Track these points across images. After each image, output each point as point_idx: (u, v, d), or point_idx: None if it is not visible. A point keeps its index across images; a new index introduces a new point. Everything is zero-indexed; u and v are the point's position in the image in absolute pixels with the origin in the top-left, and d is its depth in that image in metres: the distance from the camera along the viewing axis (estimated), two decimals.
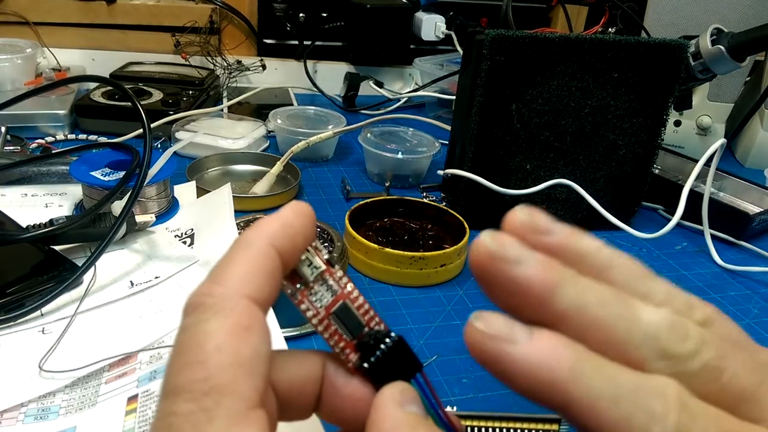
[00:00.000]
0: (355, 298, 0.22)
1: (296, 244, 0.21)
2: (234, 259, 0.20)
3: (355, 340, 0.22)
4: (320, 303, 0.22)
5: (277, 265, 0.20)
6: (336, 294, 0.22)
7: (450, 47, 1.01)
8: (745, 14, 0.81)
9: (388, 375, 0.22)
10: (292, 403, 0.22)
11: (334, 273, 0.22)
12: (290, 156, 0.67)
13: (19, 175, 0.59)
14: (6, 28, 0.90)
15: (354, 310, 0.22)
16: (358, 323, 0.22)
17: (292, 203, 0.21)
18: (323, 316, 0.22)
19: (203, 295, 0.19)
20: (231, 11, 0.99)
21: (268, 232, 0.20)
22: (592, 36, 0.57)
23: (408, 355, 0.23)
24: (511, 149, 0.60)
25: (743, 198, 0.73)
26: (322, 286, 0.22)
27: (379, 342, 0.22)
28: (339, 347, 0.22)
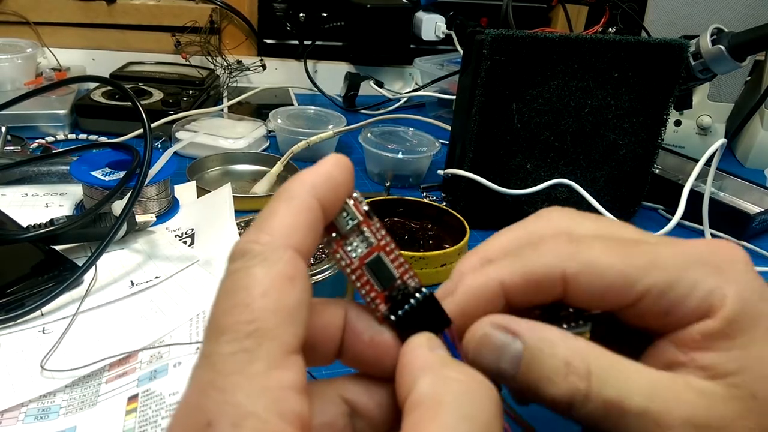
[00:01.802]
0: (391, 250, 0.22)
1: (338, 195, 0.21)
2: (278, 210, 0.20)
3: (386, 292, 0.22)
4: (355, 253, 0.22)
5: (319, 216, 0.20)
6: (371, 246, 0.22)
7: (450, 47, 1.01)
8: (745, 14, 0.81)
9: (415, 328, 0.22)
10: (315, 349, 0.23)
11: (372, 224, 0.22)
12: (290, 156, 0.67)
13: (19, 175, 0.59)
14: (6, 28, 0.90)
15: (388, 263, 0.22)
16: (391, 276, 0.22)
17: (332, 155, 0.22)
18: (357, 266, 0.22)
19: (251, 242, 0.19)
20: (231, 11, 0.99)
21: (310, 184, 0.20)
22: (592, 36, 0.57)
23: (436, 311, 0.23)
24: (511, 149, 0.60)
25: (743, 198, 0.73)
26: (358, 237, 0.22)
27: (409, 296, 0.23)
28: (370, 297, 0.22)
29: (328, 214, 0.21)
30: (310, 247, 0.20)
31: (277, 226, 0.20)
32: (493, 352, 0.23)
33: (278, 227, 0.20)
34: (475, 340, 0.23)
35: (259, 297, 0.18)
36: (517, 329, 0.23)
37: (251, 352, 0.18)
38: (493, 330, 0.23)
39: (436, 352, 0.21)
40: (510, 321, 0.23)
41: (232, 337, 0.18)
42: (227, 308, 0.18)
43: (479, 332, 0.23)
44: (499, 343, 0.23)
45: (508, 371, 0.23)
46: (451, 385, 0.20)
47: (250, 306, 0.18)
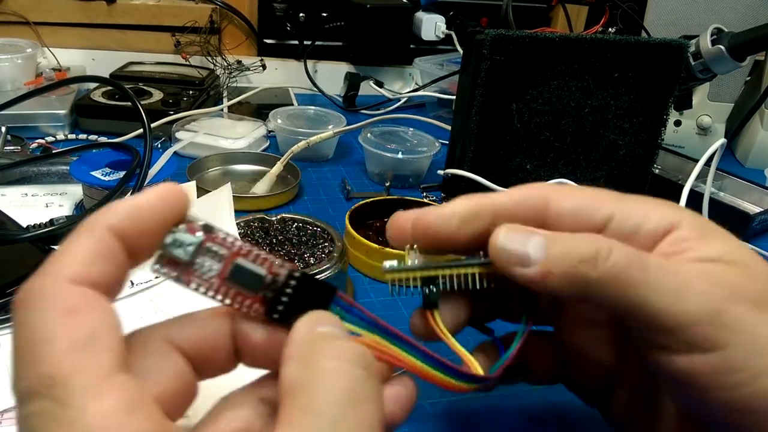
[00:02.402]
0: (247, 252, 0.21)
1: (149, 226, 0.20)
2: (64, 249, 0.19)
3: (260, 293, 0.22)
4: (210, 274, 0.21)
5: (115, 247, 0.20)
6: (224, 258, 0.21)
7: (450, 47, 1.01)
8: (745, 14, 0.81)
9: (301, 312, 0.22)
10: (208, 361, 0.22)
11: (216, 238, 0.21)
12: (290, 156, 0.67)
13: (19, 175, 0.59)
14: (6, 28, 0.90)
15: (248, 266, 0.21)
16: (257, 277, 0.22)
17: (158, 186, 0.21)
18: (218, 285, 0.21)
19: (24, 291, 0.19)
20: (231, 11, 0.99)
21: (107, 217, 0.20)
22: (592, 36, 0.57)
23: (317, 287, 0.22)
24: (511, 149, 0.60)
25: (743, 198, 0.73)
26: (205, 256, 0.21)
27: (284, 287, 0.22)
28: (246, 306, 0.22)
29: (141, 246, 0.20)
30: (101, 277, 0.19)
31: (54, 264, 0.19)
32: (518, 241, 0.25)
33: (55, 264, 0.19)
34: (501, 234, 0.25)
35: (43, 345, 0.17)
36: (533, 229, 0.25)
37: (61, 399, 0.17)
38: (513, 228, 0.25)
39: (316, 331, 0.21)
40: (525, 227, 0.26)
41: (37, 395, 0.17)
42: (21, 368, 0.18)
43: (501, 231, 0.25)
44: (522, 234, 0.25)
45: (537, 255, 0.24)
46: (313, 364, 0.20)
47: (39, 359, 0.17)
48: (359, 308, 0.23)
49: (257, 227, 0.51)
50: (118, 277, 0.20)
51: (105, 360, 0.18)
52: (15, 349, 0.18)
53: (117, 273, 0.20)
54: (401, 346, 0.23)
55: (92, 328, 0.18)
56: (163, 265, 0.21)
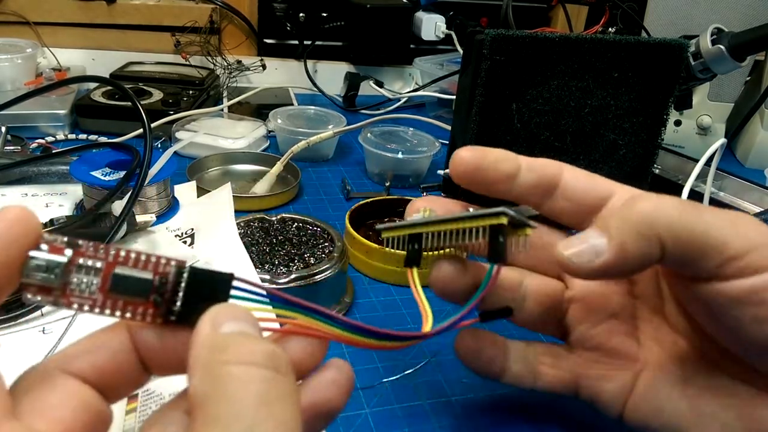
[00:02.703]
0: (125, 258, 0.20)
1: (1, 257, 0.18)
2: None
3: (150, 297, 0.20)
4: (91, 289, 0.19)
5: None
6: (101, 270, 0.19)
7: (450, 47, 1.01)
8: (745, 14, 0.81)
9: (201, 308, 0.20)
10: (116, 383, 0.21)
11: (86, 251, 0.19)
12: (290, 156, 0.67)
13: (19, 175, 0.59)
14: (6, 28, 0.90)
15: (130, 273, 0.19)
16: (143, 281, 0.20)
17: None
18: (102, 300, 0.19)
19: None
20: (231, 11, 0.99)
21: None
22: (592, 36, 0.57)
23: (211, 277, 0.21)
24: (511, 149, 0.59)
25: (743, 198, 0.73)
26: (80, 273, 0.19)
27: (175, 285, 0.20)
28: (138, 314, 0.20)
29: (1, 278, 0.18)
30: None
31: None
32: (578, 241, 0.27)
33: None
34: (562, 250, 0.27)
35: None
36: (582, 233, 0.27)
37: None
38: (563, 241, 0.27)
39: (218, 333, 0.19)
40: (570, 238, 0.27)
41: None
42: None
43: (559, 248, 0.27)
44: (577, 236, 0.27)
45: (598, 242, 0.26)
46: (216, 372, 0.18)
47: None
48: (263, 288, 0.21)
49: (257, 227, 0.51)
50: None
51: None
52: None
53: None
54: (319, 317, 0.22)
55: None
56: (34, 293, 0.19)
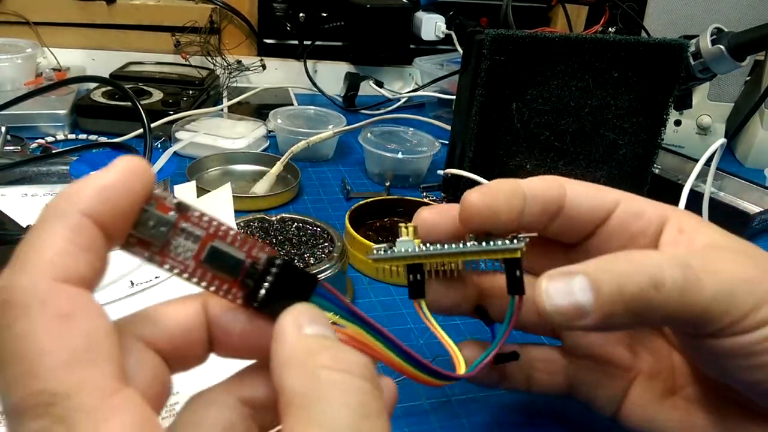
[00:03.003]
0: (225, 233, 0.20)
1: (121, 206, 0.18)
2: (38, 240, 0.17)
3: (239, 277, 0.20)
4: (186, 255, 0.19)
5: (94, 235, 0.17)
6: (200, 238, 0.20)
7: (450, 47, 1.01)
8: (745, 14, 0.81)
9: (282, 302, 0.20)
10: (181, 355, 0.21)
11: (191, 217, 0.20)
12: (290, 156, 0.67)
13: (19, 175, 0.59)
14: (6, 28, 0.90)
15: (226, 249, 0.20)
16: (236, 260, 0.20)
17: (117, 160, 0.18)
18: (194, 267, 0.20)
19: (5, 290, 0.16)
20: (231, 11, 0.99)
21: (78, 200, 0.17)
22: (592, 36, 0.57)
23: (299, 275, 0.21)
24: (511, 149, 0.60)
25: (743, 197, 0.73)
26: (180, 236, 0.19)
27: (265, 273, 0.20)
28: (223, 290, 0.20)
29: (116, 228, 0.18)
30: (88, 272, 0.17)
31: (35, 261, 0.16)
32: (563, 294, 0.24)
33: (37, 261, 0.16)
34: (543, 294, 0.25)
35: (39, 357, 0.15)
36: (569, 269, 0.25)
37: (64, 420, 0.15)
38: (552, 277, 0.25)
39: (304, 333, 0.19)
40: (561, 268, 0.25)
41: (35, 414, 0.15)
42: (9, 384, 0.15)
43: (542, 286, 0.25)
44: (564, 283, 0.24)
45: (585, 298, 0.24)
46: (319, 375, 0.18)
47: (34, 373, 0.15)
48: (341, 299, 0.22)
49: (257, 227, 0.51)
50: (101, 268, 0.18)
51: (107, 373, 0.16)
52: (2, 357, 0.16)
53: (100, 264, 0.18)
54: (381, 340, 0.22)
55: (89, 336, 0.16)
56: (134, 245, 0.19)
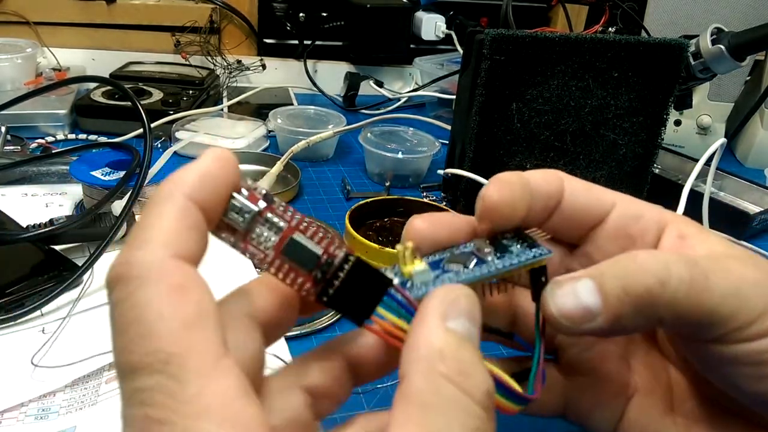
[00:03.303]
0: (305, 228, 0.21)
1: (217, 192, 0.20)
2: (151, 220, 0.19)
3: (313, 272, 0.21)
4: (267, 244, 0.20)
5: (199, 218, 0.19)
6: (282, 230, 0.21)
7: (450, 47, 1.01)
8: (745, 14, 0.81)
9: (353, 301, 0.21)
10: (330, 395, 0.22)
11: (276, 209, 0.21)
12: (290, 156, 0.67)
13: (19, 174, 0.59)
14: (6, 28, 0.90)
15: (304, 243, 0.21)
16: (312, 254, 0.21)
17: (209, 150, 0.20)
18: (273, 257, 0.21)
19: (125, 265, 0.18)
20: (231, 11, 0.99)
21: (183, 185, 0.19)
22: (592, 36, 0.57)
23: (372, 276, 0.21)
24: (511, 149, 0.60)
25: (743, 197, 0.73)
26: (263, 226, 0.20)
27: (336, 270, 0.21)
28: (297, 283, 0.21)
29: (212, 213, 0.20)
30: (194, 251, 0.19)
31: (151, 238, 0.18)
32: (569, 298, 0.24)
33: (152, 238, 0.18)
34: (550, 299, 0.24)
35: (156, 321, 0.17)
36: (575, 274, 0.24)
37: (176, 376, 0.17)
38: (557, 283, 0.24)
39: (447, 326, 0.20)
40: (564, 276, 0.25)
41: (151, 370, 0.17)
42: (128, 344, 0.17)
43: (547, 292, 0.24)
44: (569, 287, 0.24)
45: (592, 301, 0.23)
46: (442, 387, 0.19)
47: (151, 335, 0.17)
48: (414, 305, 0.22)
49: None
50: (204, 247, 0.20)
51: (216, 340, 0.18)
52: (120, 323, 0.17)
53: (204, 243, 0.20)
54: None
55: (200, 307, 0.18)
56: (222, 230, 0.21)
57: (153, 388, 0.17)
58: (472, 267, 0.25)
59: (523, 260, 0.25)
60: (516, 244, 0.26)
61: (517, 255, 0.25)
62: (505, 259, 0.25)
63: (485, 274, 0.24)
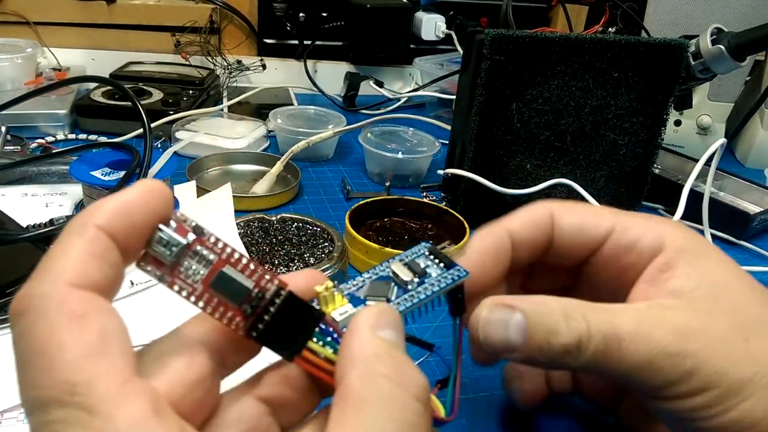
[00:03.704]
0: (237, 260, 0.20)
1: (135, 223, 0.19)
2: (56, 251, 0.19)
3: (243, 306, 0.20)
4: (195, 278, 0.20)
5: (110, 247, 0.19)
6: (211, 263, 0.20)
7: (450, 47, 1.01)
8: (745, 14, 0.81)
9: (283, 336, 0.21)
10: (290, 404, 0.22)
11: (206, 241, 0.20)
12: (290, 156, 0.67)
13: (19, 174, 0.59)
14: (6, 28, 0.90)
15: (235, 276, 0.20)
16: (242, 288, 0.20)
17: (138, 182, 0.20)
18: (201, 291, 0.20)
19: (24, 297, 0.18)
20: (231, 11, 0.99)
21: (97, 215, 0.19)
22: (592, 36, 0.57)
23: (303, 310, 0.21)
24: (511, 149, 0.60)
25: (743, 198, 0.73)
26: (192, 259, 0.20)
27: (269, 305, 0.21)
28: (227, 318, 0.20)
29: (129, 243, 0.20)
30: (101, 279, 0.19)
31: (51, 269, 0.18)
32: (499, 327, 0.25)
33: (52, 270, 0.18)
34: (481, 323, 0.26)
35: (57, 353, 0.17)
36: (513, 303, 0.26)
37: (85, 405, 0.16)
38: (493, 309, 0.26)
39: (377, 334, 0.21)
40: (504, 298, 0.26)
41: (58, 403, 0.16)
42: (34, 378, 0.17)
43: (482, 315, 0.26)
44: (502, 317, 0.25)
45: (518, 340, 0.25)
46: (379, 383, 0.19)
47: (54, 367, 0.17)
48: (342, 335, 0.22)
49: (257, 227, 0.51)
50: (114, 277, 0.19)
51: (120, 364, 0.18)
52: (23, 357, 0.17)
53: (114, 273, 0.19)
54: None
55: (102, 333, 0.18)
56: (148, 263, 0.20)
57: (63, 421, 0.16)
58: (395, 299, 0.25)
59: (443, 286, 0.26)
60: (432, 264, 0.26)
61: (438, 280, 0.26)
62: (427, 287, 0.26)
63: (410, 307, 0.25)
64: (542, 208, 0.29)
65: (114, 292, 0.20)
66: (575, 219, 0.29)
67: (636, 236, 0.28)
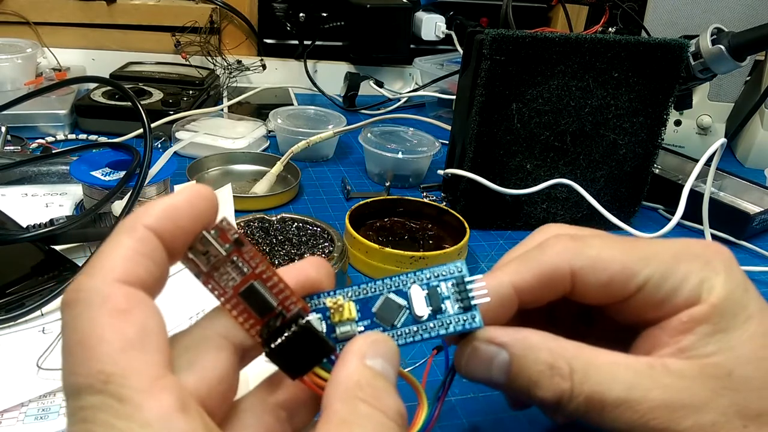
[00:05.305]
0: (268, 278, 0.22)
1: (180, 225, 0.21)
2: (106, 248, 0.20)
3: (264, 320, 0.22)
4: (228, 284, 0.22)
5: (156, 246, 0.20)
6: (245, 274, 0.22)
7: (450, 47, 1.01)
8: (745, 14, 0.81)
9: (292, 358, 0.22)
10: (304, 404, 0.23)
11: (244, 253, 0.21)
12: (290, 156, 0.67)
13: (19, 175, 0.59)
14: (6, 28, 0.90)
15: (263, 292, 0.22)
16: (267, 305, 0.22)
17: (187, 185, 0.21)
18: (231, 296, 0.22)
19: (73, 290, 0.19)
20: (231, 11, 0.99)
21: (147, 216, 0.20)
22: (592, 36, 0.57)
23: (316, 341, 0.22)
24: (511, 149, 0.60)
25: (743, 198, 0.73)
26: (229, 266, 0.21)
27: (285, 326, 0.22)
28: (248, 324, 0.22)
29: (175, 244, 0.21)
30: (147, 276, 0.20)
31: (100, 265, 0.19)
32: (482, 364, 0.25)
33: (101, 265, 0.19)
34: (465, 355, 0.25)
35: (97, 344, 0.18)
36: (501, 340, 0.25)
37: (116, 395, 0.17)
38: (480, 344, 0.25)
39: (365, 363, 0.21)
40: (495, 332, 0.25)
41: (92, 390, 0.18)
42: (73, 365, 0.18)
43: (468, 348, 0.25)
44: (487, 355, 0.25)
45: (500, 379, 0.25)
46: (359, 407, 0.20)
47: (92, 357, 0.18)
48: None
49: (257, 227, 0.51)
50: (159, 276, 0.21)
51: (155, 360, 0.19)
52: (67, 345, 0.19)
53: (159, 272, 0.20)
54: None
55: (142, 329, 0.19)
56: (188, 261, 0.22)
57: (95, 407, 0.18)
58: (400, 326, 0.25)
59: (451, 331, 0.25)
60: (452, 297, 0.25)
61: (449, 322, 0.25)
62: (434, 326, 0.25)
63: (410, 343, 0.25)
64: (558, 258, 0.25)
65: (158, 290, 0.21)
66: (602, 276, 0.25)
67: (672, 288, 0.24)
